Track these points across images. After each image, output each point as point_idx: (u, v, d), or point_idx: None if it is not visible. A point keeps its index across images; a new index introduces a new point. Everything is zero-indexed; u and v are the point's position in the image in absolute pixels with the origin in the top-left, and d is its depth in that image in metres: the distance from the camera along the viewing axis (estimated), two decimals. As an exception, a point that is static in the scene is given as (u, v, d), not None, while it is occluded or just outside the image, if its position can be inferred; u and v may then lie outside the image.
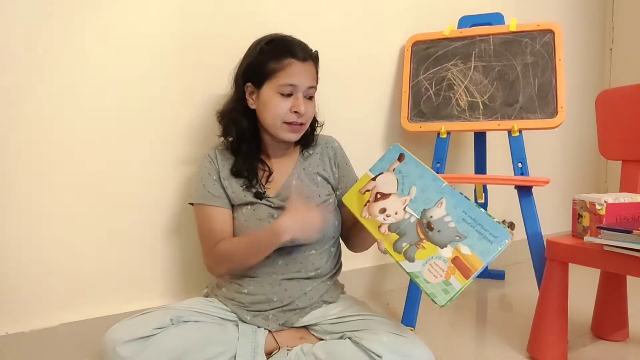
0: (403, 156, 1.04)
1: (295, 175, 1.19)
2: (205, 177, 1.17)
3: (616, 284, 1.40)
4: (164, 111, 1.38)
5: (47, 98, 1.22)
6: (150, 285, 1.40)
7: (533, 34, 1.63)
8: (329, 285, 1.18)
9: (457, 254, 0.91)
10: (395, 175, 1.03)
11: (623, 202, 1.20)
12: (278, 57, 1.10)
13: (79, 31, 1.25)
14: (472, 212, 0.93)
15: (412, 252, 0.95)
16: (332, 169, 1.23)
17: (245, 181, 1.16)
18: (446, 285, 0.90)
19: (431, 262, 0.93)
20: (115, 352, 0.95)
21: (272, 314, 1.12)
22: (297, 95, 1.11)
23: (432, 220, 0.96)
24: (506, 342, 1.41)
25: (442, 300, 0.89)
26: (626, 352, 1.35)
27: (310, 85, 1.13)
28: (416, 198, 0.99)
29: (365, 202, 1.05)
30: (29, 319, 1.23)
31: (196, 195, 1.17)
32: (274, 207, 1.14)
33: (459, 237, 0.92)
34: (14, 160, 1.19)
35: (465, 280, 0.89)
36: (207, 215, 1.15)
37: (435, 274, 0.92)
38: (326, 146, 1.25)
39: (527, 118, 1.58)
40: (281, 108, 1.10)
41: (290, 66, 1.10)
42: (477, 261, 0.90)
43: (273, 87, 1.10)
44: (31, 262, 1.23)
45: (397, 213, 1.00)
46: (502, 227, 0.91)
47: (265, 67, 1.10)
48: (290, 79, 1.09)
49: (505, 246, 0.90)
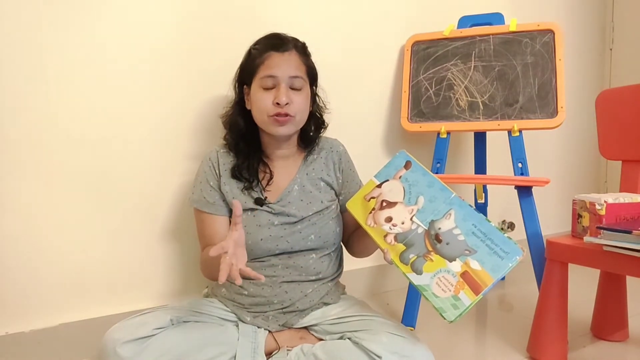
0: (410, 164, 1.02)
1: (298, 180, 1.18)
2: (203, 182, 1.17)
3: (616, 284, 1.40)
4: (164, 111, 1.38)
5: (47, 98, 1.22)
6: (150, 285, 1.40)
7: (533, 34, 1.63)
8: (330, 287, 1.17)
9: (466, 268, 0.89)
10: (402, 183, 1.01)
11: (623, 202, 1.20)
12: (260, 53, 1.12)
13: (80, 32, 1.25)
14: (482, 225, 0.91)
15: (420, 265, 0.93)
16: (336, 174, 1.22)
17: (245, 183, 1.15)
18: (455, 300, 0.88)
19: (440, 275, 0.91)
20: (115, 352, 0.94)
21: (272, 315, 1.11)
22: (278, 87, 1.09)
23: (441, 232, 0.93)
24: (506, 342, 1.41)
25: (452, 315, 0.87)
26: (626, 352, 1.35)
27: (293, 75, 1.10)
28: (424, 208, 0.96)
29: (371, 209, 1.02)
30: (29, 319, 1.23)
31: (193, 198, 1.18)
32: (274, 214, 1.13)
33: (468, 251, 0.90)
34: (13, 161, 1.19)
35: (475, 297, 0.87)
36: (201, 220, 1.17)
37: (444, 288, 0.89)
38: (331, 150, 1.23)
39: (527, 118, 1.58)
40: (264, 102, 1.09)
41: (269, 58, 1.10)
42: (487, 277, 0.87)
43: (257, 83, 1.11)
44: (31, 262, 1.23)
45: (404, 223, 0.97)
46: (513, 243, 0.89)
47: (251, 66, 1.12)
48: (269, 70, 1.09)
49: (517, 262, 0.88)
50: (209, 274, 1.13)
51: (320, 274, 1.15)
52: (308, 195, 1.16)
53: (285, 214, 1.12)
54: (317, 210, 1.15)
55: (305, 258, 1.13)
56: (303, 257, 1.13)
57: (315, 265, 1.14)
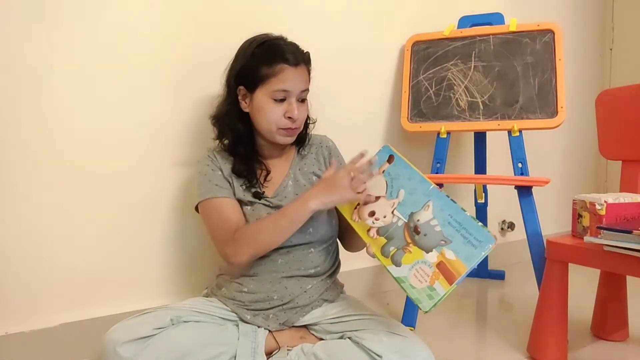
0: (393, 157, 1.03)
1: (292, 176, 1.20)
2: (209, 172, 1.16)
3: (616, 284, 1.41)
4: (163, 111, 1.38)
5: (46, 99, 1.22)
6: (150, 285, 1.40)
7: (533, 34, 1.63)
8: (328, 283, 1.18)
9: (442, 258, 0.91)
10: (385, 177, 1.02)
11: (623, 202, 1.20)
12: (270, 62, 1.09)
13: (76, 33, 1.25)
14: (457, 215, 0.92)
15: (399, 257, 0.94)
16: (326, 168, 1.23)
17: (245, 181, 1.16)
18: (430, 290, 0.90)
19: (417, 267, 0.92)
20: (116, 352, 0.95)
21: (273, 313, 1.12)
22: (290, 100, 1.10)
23: (419, 223, 0.95)
24: (506, 342, 1.41)
25: (427, 305, 0.89)
26: (626, 352, 1.35)
27: (304, 89, 1.13)
28: (404, 201, 0.98)
29: (356, 205, 1.05)
30: (29, 319, 1.23)
31: (202, 192, 1.14)
32: (272, 207, 1.15)
33: (444, 242, 0.92)
34: (13, 161, 1.19)
35: (449, 286, 0.88)
36: (218, 207, 1.12)
37: (420, 279, 0.91)
38: (321, 146, 1.27)
39: (527, 118, 1.58)
40: (275, 114, 1.10)
41: (283, 72, 1.09)
42: (461, 266, 0.89)
43: (266, 93, 1.10)
44: (31, 262, 1.23)
45: (386, 216, 0.99)
46: (486, 231, 0.89)
47: (258, 72, 1.10)
48: (282, 84, 1.09)
49: (489, 251, 0.89)
50: (269, 239, 1.07)
51: (319, 268, 1.16)
52: (302, 189, 1.18)
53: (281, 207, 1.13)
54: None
55: (303, 252, 1.14)
56: (302, 251, 1.14)
57: (314, 259, 1.15)
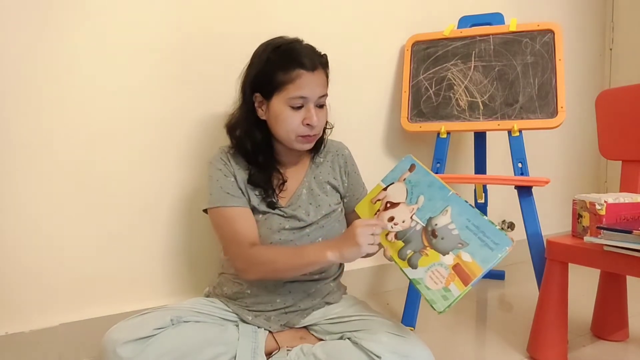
0: (414, 166, 1.06)
1: (306, 184, 1.17)
2: (221, 178, 1.10)
3: (616, 284, 1.40)
4: (165, 111, 1.38)
5: (47, 99, 1.22)
6: (150, 285, 1.40)
7: (533, 34, 1.63)
8: (332, 287, 1.18)
9: (458, 260, 0.92)
10: (405, 185, 1.04)
11: (623, 202, 1.20)
12: (286, 68, 1.04)
13: (81, 33, 1.25)
14: (475, 219, 0.94)
15: (416, 259, 0.96)
16: (342, 177, 1.22)
17: (261, 191, 1.12)
18: (445, 291, 0.91)
19: (433, 269, 0.94)
20: (115, 352, 0.94)
21: (274, 315, 1.12)
22: (308, 106, 1.06)
23: (437, 227, 0.97)
24: (506, 342, 1.41)
25: (441, 306, 0.91)
26: (626, 352, 1.35)
27: (322, 95, 1.08)
28: (423, 206, 1.00)
29: (376, 211, 1.06)
30: (29, 319, 1.23)
31: (212, 199, 1.10)
32: (286, 217, 1.12)
33: (461, 245, 0.93)
34: (13, 161, 1.19)
35: (464, 287, 0.90)
36: (229, 217, 1.08)
37: (436, 280, 0.93)
38: (337, 154, 1.23)
39: (527, 118, 1.58)
40: (293, 121, 1.06)
41: (300, 78, 1.04)
42: (477, 268, 0.90)
43: (283, 100, 1.05)
44: (31, 262, 1.23)
45: (405, 221, 1.01)
46: (504, 235, 0.91)
47: (274, 79, 1.05)
48: (300, 91, 1.04)
49: (507, 253, 0.90)
50: (280, 271, 1.05)
51: (324, 273, 1.15)
52: (316, 199, 1.16)
53: (296, 218, 1.12)
54: (325, 214, 1.15)
55: None
56: None
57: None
